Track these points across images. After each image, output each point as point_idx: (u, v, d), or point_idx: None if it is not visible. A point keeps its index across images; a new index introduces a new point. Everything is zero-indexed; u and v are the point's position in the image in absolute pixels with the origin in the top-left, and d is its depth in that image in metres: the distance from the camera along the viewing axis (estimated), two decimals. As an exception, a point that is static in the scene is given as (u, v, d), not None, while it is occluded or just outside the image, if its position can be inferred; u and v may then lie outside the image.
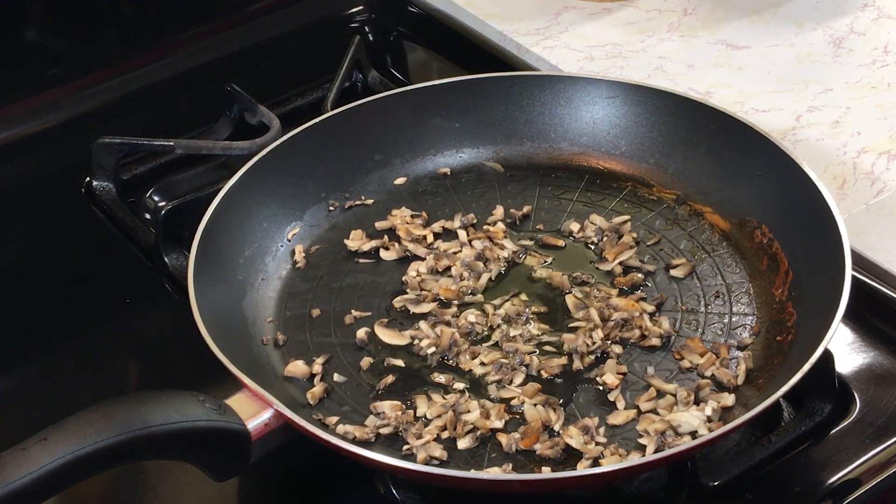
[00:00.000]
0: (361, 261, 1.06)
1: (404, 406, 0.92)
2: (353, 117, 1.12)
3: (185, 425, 0.80)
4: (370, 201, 1.11)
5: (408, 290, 1.03)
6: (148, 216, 1.13)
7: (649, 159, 1.12)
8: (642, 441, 0.88)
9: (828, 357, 0.91)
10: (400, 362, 0.96)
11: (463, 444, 0.89)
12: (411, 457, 0.88)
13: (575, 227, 1.07)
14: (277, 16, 1.40)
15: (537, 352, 0.96)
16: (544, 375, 0.94)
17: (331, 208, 1.10)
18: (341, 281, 1.04)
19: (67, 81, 1.29)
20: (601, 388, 0.93)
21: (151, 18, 1.34)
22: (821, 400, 0.92)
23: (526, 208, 1.10)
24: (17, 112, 1.26)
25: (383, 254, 1.06)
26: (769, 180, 1.04)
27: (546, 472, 0.86)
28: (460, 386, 0.94)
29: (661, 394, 0.92)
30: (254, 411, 0.84)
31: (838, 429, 0.92)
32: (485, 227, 1.08)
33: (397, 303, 1.02)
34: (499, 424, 0.90)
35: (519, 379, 0.94)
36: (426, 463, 0.87)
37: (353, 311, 1.01)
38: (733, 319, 0.98)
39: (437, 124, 1.14)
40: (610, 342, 0.96)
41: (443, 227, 1.08)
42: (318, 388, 0.94)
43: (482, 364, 0.95)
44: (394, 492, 0.89)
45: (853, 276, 0.91)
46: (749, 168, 1.05)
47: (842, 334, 0.99)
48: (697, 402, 0.90)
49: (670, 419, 0.89)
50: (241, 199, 1.04)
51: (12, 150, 1.24)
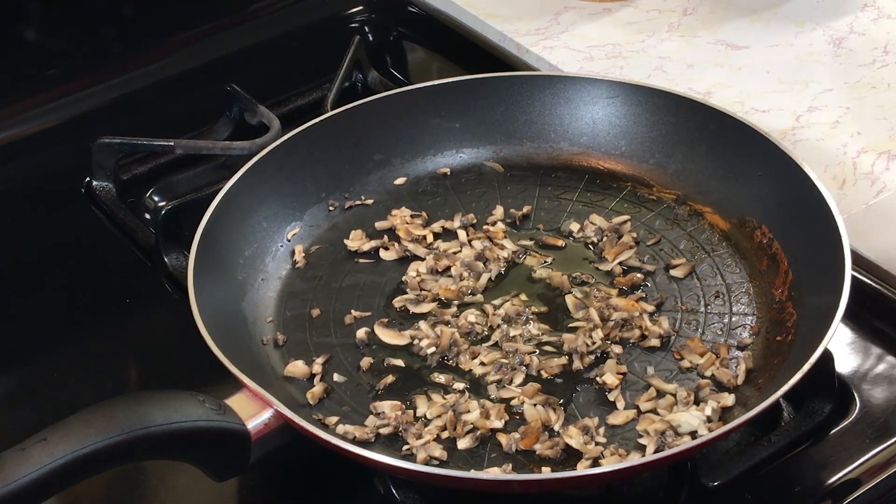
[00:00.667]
0: (361, 261, 1.06)
1: (404, 406, 0.92)
2: (353, 117, 1.12)
3: (185, 425, 0.80)
4: (370, 201, 1.11)
5: (408, 290, 1.03)
6: (148, 216, 1.13)
7: (649, 159, 1.12)
8: (642, 441, 0.88)
9: (828, 357, 0.91)
10: (400, 362, 0.96)
11: (463, 444, 0.89)
12: (411, 457, 0.88)
13: (575, 227, 1.07)
14: (277, 16, 1.40)
15: (537, 352, 0.96)
16: (544, 375, 0.94)
17: (331, 208, 1.10)
18: (341, 281, 1.04)
19: (67, 81, 1.29)
20: (601, 388, 0.93)
21: (151, 18, 1.34)
22: (821, 400, 0.92)
23: (526, 208, 1.10)
24: (17, 112, 1.26)
25: (383, 254, 1.06)
26: (769, 180, 1.04)
27: (546, 472, 0.86)
28: (460, 386, 0.94)
29: (660, 394, 0.92)
30: (254, 411, 0.84)
31: (838, 429, 0.92)
32: (485, 227, 1.08)
33: (397, 303, 1.01)
34: (499, 424, 0.90)
35: (519, 379, 0.94)
36: (426, 463, 0.87)
37: (352, 311, 1.01)
38: (733, 319, 0.98)
39: (437, 124, 1.13)
40: (610, 342, 0.96)
41: (443, 227, 1.08)
42: (317, 388, 0.94)
43: (482, 364, 0.95)
44: (394, 492, 0.89)
45: (853, 276, 0.91)
46: (749, 168, 1.05)
47: (842, 334, 0.99)
48: (697, 402, 0.90)
49: (670, 419, 0.89)
50: (241, 199, 1.04)
51: (12, 150, 1.24)
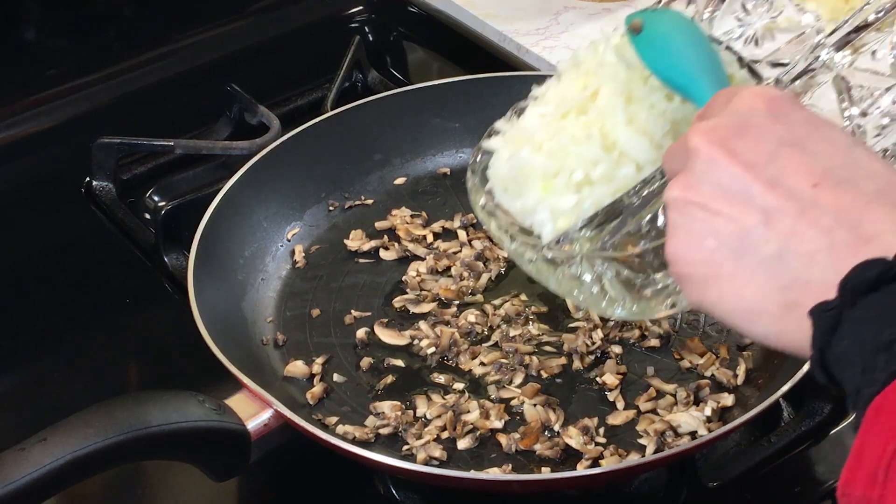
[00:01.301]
0: (361, 261, 1.06)
1: (404, 406, 0.92)
2: (353, 117, 1.12)
3: (185, 425, 0.80)
4: (370, 201, 1.11)
5: (408, 290, 1.03)
6: (148, 216, 1.13)
7: (649, 159, 1.11)
8: (642, 441, 0.88)
9: (828, 357, 0.91)
10: (400, 362, 0.96)
11: (463, 444, 0.89)
12: (411, 457, 0.88)
13: (575, 226, 1.07)
14: (277, 16, 1.40)
15: (537, 352, 0.96)
16: (544, 375, 0.94)
17: (331, 208, 1.10)
18: (341, 281, 1.04)
19: (67, 81, 1.29)
20: (601, 388, 0.93)
21: (151, 18, 1.34)
22: (821, 400, 0.92)
23: (526, 208, 1.09)
24: (17, 112, 1.26)
25: (383, 254, 1.06)
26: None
27: (546, 473, 0.86)
28: (460, 386, 0.94)
29: (660, 394, 0.92)
30: (254, 411, 0.84)
31: (838, 429, 0.92)
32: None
33: (397, 303, 1.01)
34: (498, 424, 0.90)
35: (519, 379, 0.94)
36: (426, 463, 0.87)
37: (352, 311, 1.01)
38: (733, 319, 0.98)
39: (437, 124, 1.13)
40: (610, 342, 0.96)
41: (443, 227, 1.08)
42: (317, 388, 0.94)
43: (482, 364, 0.95)
44: (394, 492, 0.89)
45: (853, 276, 0.90)
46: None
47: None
48: (697, 403, 0.90)
49: (670, 419, 0.89)
50: (241, 199, 1.04)
51: (12, 150, 1.24)
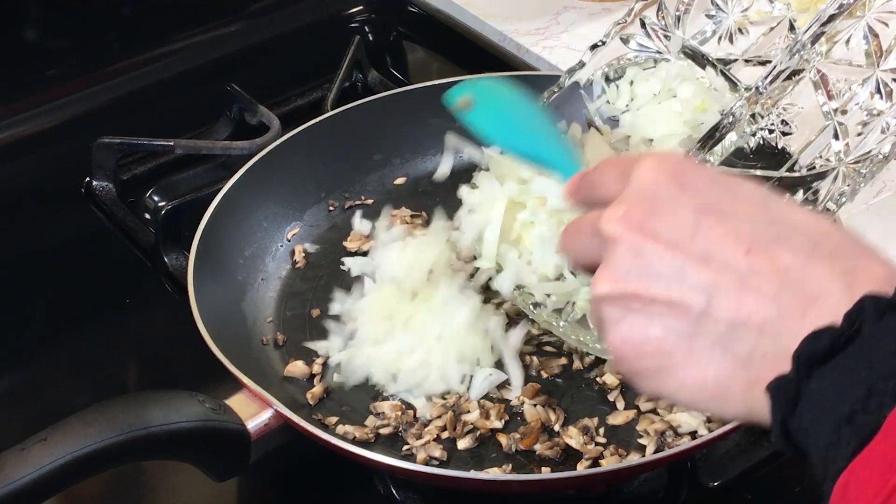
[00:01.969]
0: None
1: (404, 406, 0.92)
2: (353, 117, 1.12)
3: (185, 425, 0.80)
4: (370, 201, 1.11)
5: (408, 290, 1.02)
6: (148, 216, 1.13)
7: (649, 159, 1.11)
8: (642, 441, 0.88)
9: (828, 357, 0.90)
10: (400, 362, 0.96)
11: (463, 444, 0.89)
12: (411, 457, 0.88)
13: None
14: (277, 16, 1.40)
15: (537, 352, 0.96)
16: (544, 375, 0.94)
17: (331, 208, 1.10)
18: (341, 281, 1.04)
19: (67, 81, 1.29)
20: (601, 388, 0.93)
21: (151, 18, 1.34)
22: (821, 400, 0.92)
23: (526, 208, 1.09)
24: (17, 112, 1.26)
25: (383, 254, 1.06)
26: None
27: (546, 473, 0.86)
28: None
29: (660, 394, 0.92)
30: (254, 411, 0.84)
31: (838, 429, 0.92)
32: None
33: (397, 303, 1.01)
34: (498, 424, 0.90)
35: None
36: (426, 463, 0.87)
37: (353, 311, 1.01)
38: (733, 319, 0.98)
39: (437, 124, 1.13)
40: (610, 342, 0.96)
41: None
42: (317, 388, 0.94)
43: (482, 364, 0.95)
44: (394, 492, 0.89)
45: (853, 276, 0.90)
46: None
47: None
48: (697, 402, 0.90)
49: (670, 419, 0.89)
50: (241, 199, 1.04)
51: (12, 150, 1.24)
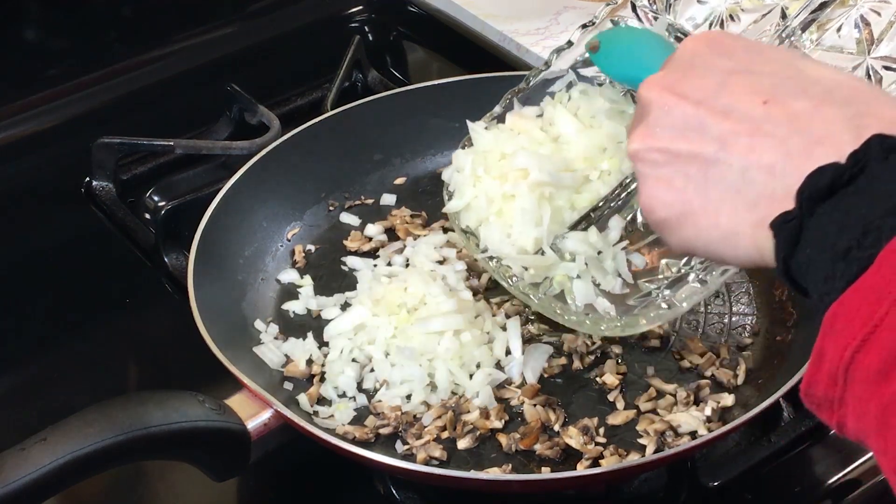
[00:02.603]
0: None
1: (403, 406, 0.92)
2: (353, 117, 1.12)
3: (185, 425, 0.80)
4: (370, 201, 1.11)
5: (408, 290, 1.02)
6: (148, 216, 1.13)
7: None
8: (642, 441, 0.88)
9: (828, 357, 0.90)
10: (400, 362, 0.96)
11: (463, 444, 0.89)
12: (411, 457, 0.88)
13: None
14: (277, 16, 1.40)
15: (537, 352, 0.96)
16: (544, 375, 0.94)
17: (331, 208, 1.10)
18: (341, 281, 1.04)
19: (67, 81, 1.29)
20: (601, 388, 0.93)
21: (151, 18, 1.34)
22: (821, 400, 0.92)
23: (526, 208, 1.09)
24: (17, 112, 1.26)
25: (383, 254, 1.06)
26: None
27: (546, 473, 0.86)
28: (460, 386, 0.94)
29: (660, 394, 0.92)
30: (254, 411, 0.84)
31: (838, 429, 0.92)
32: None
33: (397, 303, 1.01)
34: (498, 424, 0.90)
35: (519, 379, 0.94)
36: (426, 463, 0.87)
37: (353, 311, 1.01)
38: (733, 319, 0.98)
39: (437, 124, 1.13)
40: (610, 342, 0.96)
41: (442, 227, 1.08)
42: (317, 389, 0.93)
43: (482, 364, 0.95)
44: (394, 492, 0.89)
45: (853, 276, 0.90)
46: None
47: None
48: (697, 403, 0.90)
49: (670, 419, 0.89)
50: (241, 199, 1.04)
51: (12, 150, 1.24)
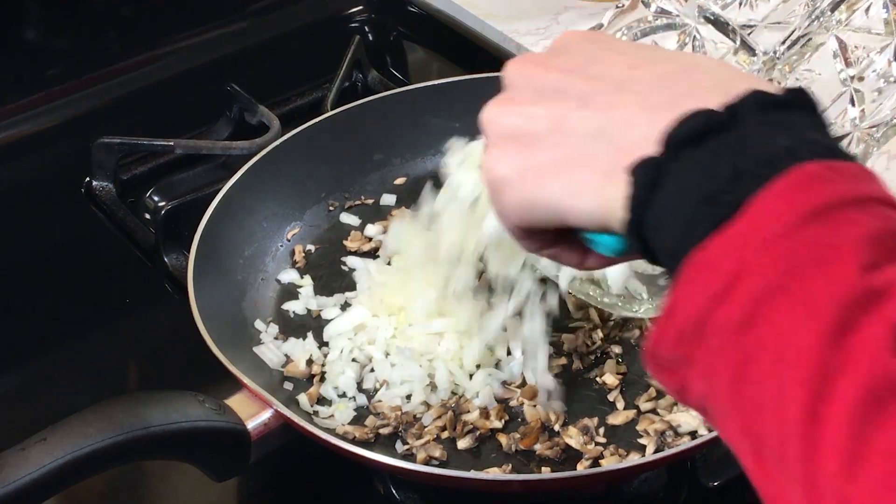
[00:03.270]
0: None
1: (403, 406, 0.92)
2: (353, 117, 1.12)
3: (185, 425, 0.80)
4: (370, 201, 1.11)
5: (408, 290, 1.02)
6: (148, 216, 1.13)
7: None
8: (642, 441, 0.88)
9: (828, 357, 0.90)
10: (400, 362, 0.96)
11: (463, 444, 0.89)
12: (411, 457, 0.88)
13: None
14: (277, 16, 1.40)
15: (537, 352, 0.96)
16: (544, 375, 0.94)
17: (331, 208, 1.10)
18: (341, 281, 1.04)
19: (67, 81, 1.29)
20: (601, 388, 0.93)
21: (151, 18, 1.34)
22: (821, 400, 0.92)
23: (526, 208, 1.09)
24: (17, 112, 1.26)
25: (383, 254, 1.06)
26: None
27: (546, 473, 0.86)
28: (460, 386, 0.94)
29: (660, 394, 0.92)
30: (254, 411, 0.84)
31: (838, 429, 0.92)
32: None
33: (397, 303, 1.01)
34: (498, 424, 0.90)
35: (519, 379, 0.94)
36: (426, 463, 0.87)
37: (352, 311, 1.01)
38: (733, 319, 0.98)
39: (437, 124, 1.13)
40: (610, 342, 0.96)
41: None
42: (317, 389, 0.93)
43: (482, 364, 0.95)
44: (394, 492, 0.89)
45: (853, 276, 0.90)
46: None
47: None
48: (697, 402, 0.90)
49: (670, 419, 0.89)
50: (241, 199, 1.04)
51: (12, 150, 1.24)
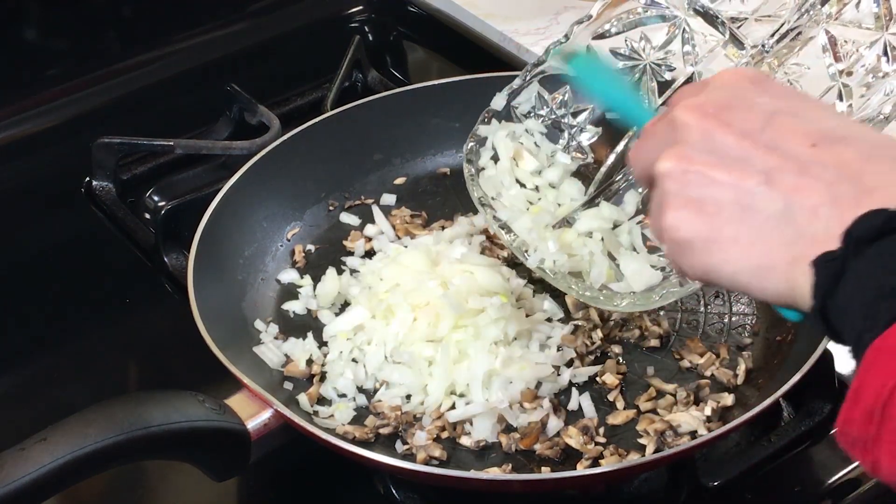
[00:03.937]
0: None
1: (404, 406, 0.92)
2: (353, 117, 1.12)
3: (185, 425, 0.80)
4: (370, 201, 1.11)
5: (408, 290, 1.02)
6: (148, 216, 1.13)
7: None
8: (642, 441, 0.88)
9: (828, 357, 0.91)
10: (400, 362, 0.96)
11: (463, 444, 0.89)
12: (411, 457, 0.88)
13: (575, 226, 1.07)
14: (277, 16, 1.40)
15: (537, 352, 0.96)
16: (544, 375, 0.94)
17: (331, 208, 1.10)
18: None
19: (67, 81, 1.29)
20: (601, 388, 0.93)
21: (151, 18, 1.34)
22: (821, 400, 0.92)
23: (526, 208, 1.09)
24: (17, 112, 1.26)
25: (383, 254, 1.06)
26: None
27: (546, 472, 0.87)
28: (460, 386, 0.94)
29: (660, 394, 0.92)
30: (254, 411, 0.84)
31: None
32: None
33: (397, 303, 1.01)
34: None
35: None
36: (426, 463, 0.87)
37: (352, 310, 1.01)
38: (733, 319, 0.98)
39: (437, 124, 1.13)
40: (610, 342, 0.96)
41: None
42: (317, 388, 0.93)
43: (482, 364, 0.95)
44: (394, 492, 0.89)
45: (853, 276, 0.90)
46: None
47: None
48: (697, 402, 0.90)
49: (670, 419, 0.89)
50: (241, 199, 1.04)
51: (12, 150, 1.24)
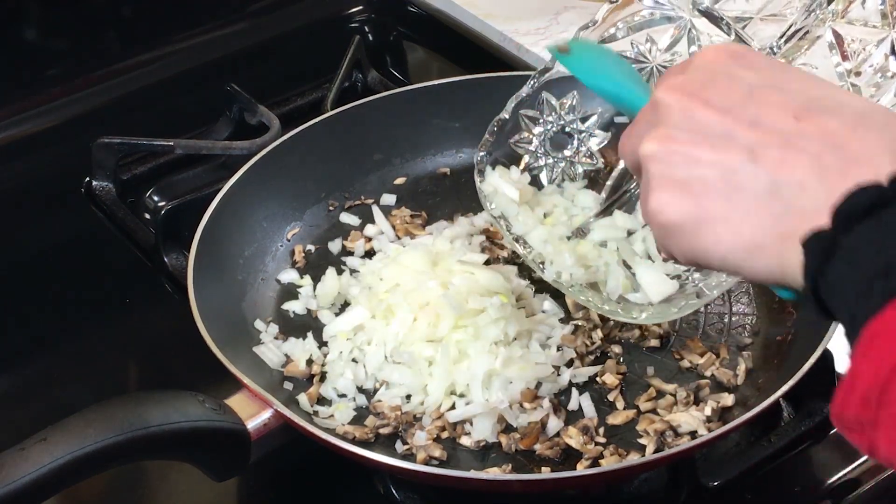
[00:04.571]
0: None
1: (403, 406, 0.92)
2: (353, 117, 1.12)
3: (185, 425, 0.80)
4: (370, 201, 1.11)
5: (408, 290, 1.02)
6: (148, 216, 1.13)
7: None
8: (642, 441, 0.88)
9: (828, 357, 0.91)
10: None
11: (463, 444, 0.89)
12: (411, 457, 0.88)
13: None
14: (277, 16, 1.40)
15: (537, 352, 0.96)
16: (544, 375, 0.94)
17: (331, 208, 1.10)
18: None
19: (67, 81, 1.29)
20: (601, 388, 0.93)
21: (151, 18, 1.34)
22: (821, 400, 0.92)
23: (526, 208, 1.09)
24: (17, 112, 1.26)
25: (383, 254, 1.06)
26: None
27: (546, 472, 0.87)
28: (460, 386, 0.94)
29: (660, 394, 0.92)
30: (254, 411, 0.84)
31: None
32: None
33: (397, 303, 1.01)
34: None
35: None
36: (426, 463, 0.87)
37: (352, 310, 1.01)
38: (733, 319, 0.98)
39: (437, 124, 1.13)
40: (610, 342, 0.96)
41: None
42: (317, 388, 0.93)
43: (482, 364, 0.95)
44: (394, 492, 0.89)
45: (853, 276, 0.90)
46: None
47: (842, 334, 0.99)
48: (697, 402, 0.90)
49: (670, 419, 0.89)
50: (241, 199, 1.04)
51: (12, 150, 1.24)
